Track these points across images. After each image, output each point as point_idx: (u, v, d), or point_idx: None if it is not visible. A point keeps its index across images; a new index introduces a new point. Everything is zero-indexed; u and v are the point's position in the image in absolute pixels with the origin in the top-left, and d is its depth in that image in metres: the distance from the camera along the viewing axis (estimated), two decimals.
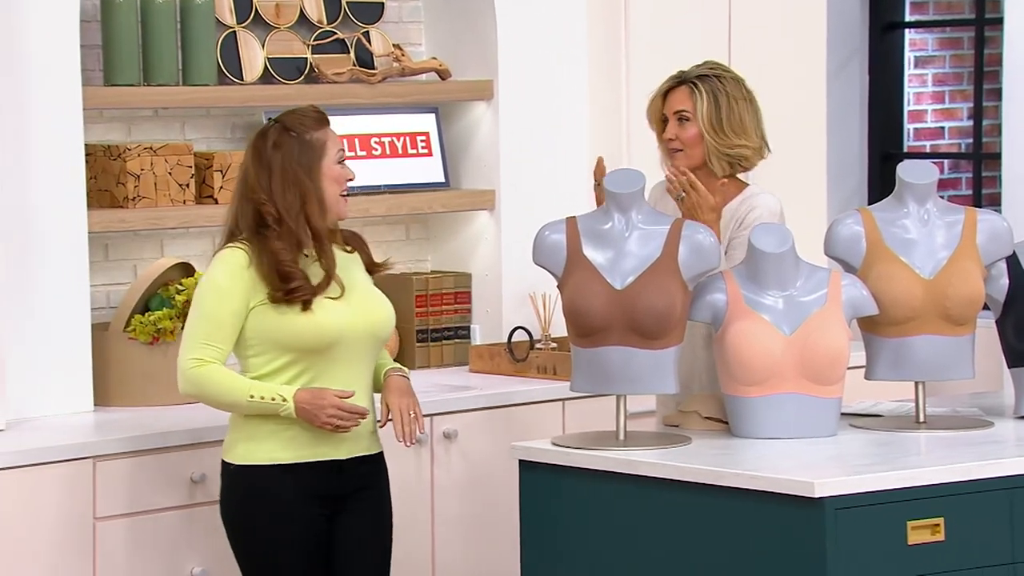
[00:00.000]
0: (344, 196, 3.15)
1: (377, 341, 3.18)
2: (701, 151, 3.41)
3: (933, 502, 3.03)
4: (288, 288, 3.07)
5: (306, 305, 3.08)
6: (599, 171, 3.46)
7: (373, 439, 3.21)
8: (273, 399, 3.06)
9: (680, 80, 3.43)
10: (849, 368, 3.33)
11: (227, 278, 3.08)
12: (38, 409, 3.67)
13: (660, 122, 3.46)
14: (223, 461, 3.17)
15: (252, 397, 3.06)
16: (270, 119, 3.15)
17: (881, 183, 5.33)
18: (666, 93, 3.45)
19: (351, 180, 3.16)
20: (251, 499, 3.10)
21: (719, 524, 3.06)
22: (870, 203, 4.70)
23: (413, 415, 3.14)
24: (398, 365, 3.26)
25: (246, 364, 3.14)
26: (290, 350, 3.09)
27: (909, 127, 5.63)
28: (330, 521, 3.14)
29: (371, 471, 3.19)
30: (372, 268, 3.26)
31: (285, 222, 3.07)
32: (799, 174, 4.64)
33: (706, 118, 3.38)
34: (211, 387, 3.08)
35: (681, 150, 3.42)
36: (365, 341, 3.14)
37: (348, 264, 3.19)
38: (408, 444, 3.16)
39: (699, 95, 3.39)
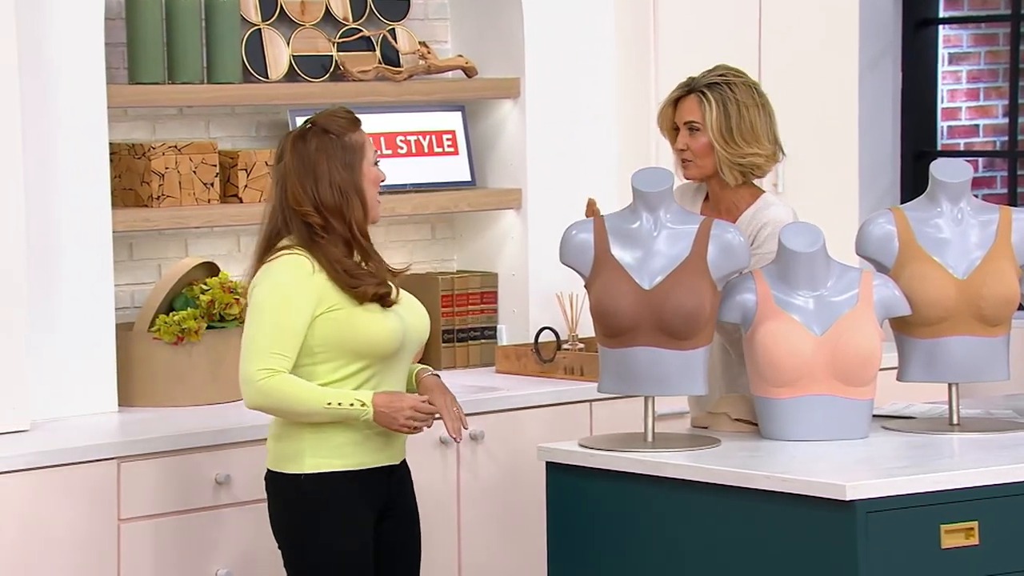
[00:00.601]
0: (377, 199, 3.15)
1: (421, 345, 3.20)
2: (712, 161, 3.39)
3: (967, 505, 3.02)
4: (378, 283, 3.05)
5: (386, 301, 3.06)
6: (590, 212, 3.45)
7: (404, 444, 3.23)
8: (352, 404, 3.03)
9: (689, 88, 3.41)
10: (881, 369, 3.32)
11: (294, 284, 3.03)
12: (62, 410, 3.70)
13: (672, 131, 3.45)
14: (277, 473, 3.08)
15: (330, 404, 3.02)
16: (306, 121, 3.13)
17: (914, 182, 5.31)
18: (676, 101, 3.43)
19: (383, 181, 3.16)
20: (320, 508, 3.05)
21: (749, 527, 3.05)
22: (903, 202, 4.68)
23: (456, 411, 3.14)
24: (424, 365, 3.27)
25: (310, 372, 3.08)
26: (362, 356, 3.06)
27: (943, 125, 5.60)
28: (374, 527, 3.14)
29: (407, 476, 3.21)
30: (391, 273, 3.24)
31: (333, 228, 3.05)
32: (830, 173, 4.62)
33: (715, 128, 3.36)
34: (285, 398, 3.02)
35: (692, 161, 3.41)
36: (415, 345, 3.17)
37: None
38: (458, 440, 3.17)
39: (708, 104, 3.36)
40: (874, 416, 3.40)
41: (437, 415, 3.15)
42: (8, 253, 3.55)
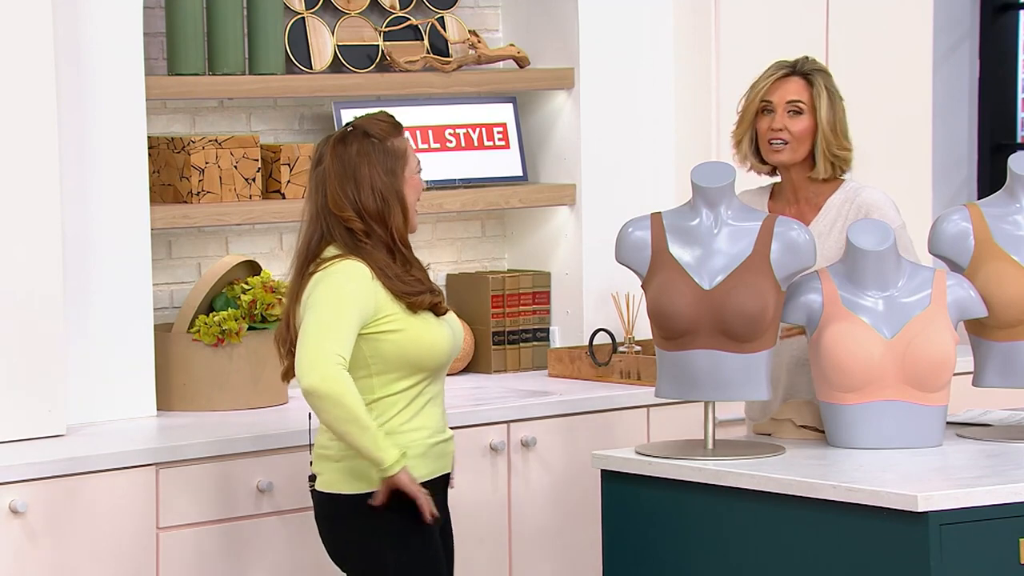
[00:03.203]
0: (416, 209, 3.15)
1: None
2: (808, 147, 3.41)
3: None
4: (431, 290, 3.07)
5: (439, 309, 3.08)
6: None
7: None
8: (392, 446, 3.02)
9: (792, 70, 3.42)
10: (955, 374, 3.31)
11: (360, 291, 3.03)
12: (99, 414, 3.74)
13: (756, 112, 3.45)
14: (341, 495, 3.07)
15: (377, 431, 3.01)
16: (346, 124, 3.15)
17: (991, 176, 5.28)
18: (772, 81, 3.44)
19: (424, 190, 3.18)
20: (410, 526, 3.05)
21: (814, 539, 3.06)
22: (979, 197, 4.66)
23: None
24: None
25: (367, 385, 3.07)
26: (419, 369, 3.08)
27: (1023, 116, 5.56)
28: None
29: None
30: None
31: (376, 233, 3.07)
32: (903, 167, 4.61)
33: (825, 117, 3.39)
34: (352, 396, 3.00)
35: (787, 143, 3.41)
36: (457, 355, 3.17)
37: None
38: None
39: (820, 90, 3.40)
40: (948, 423, 3.39)
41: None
42: (43, 251, 3.60)
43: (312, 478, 3.14)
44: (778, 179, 3.52)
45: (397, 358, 3.07)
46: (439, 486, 3.16)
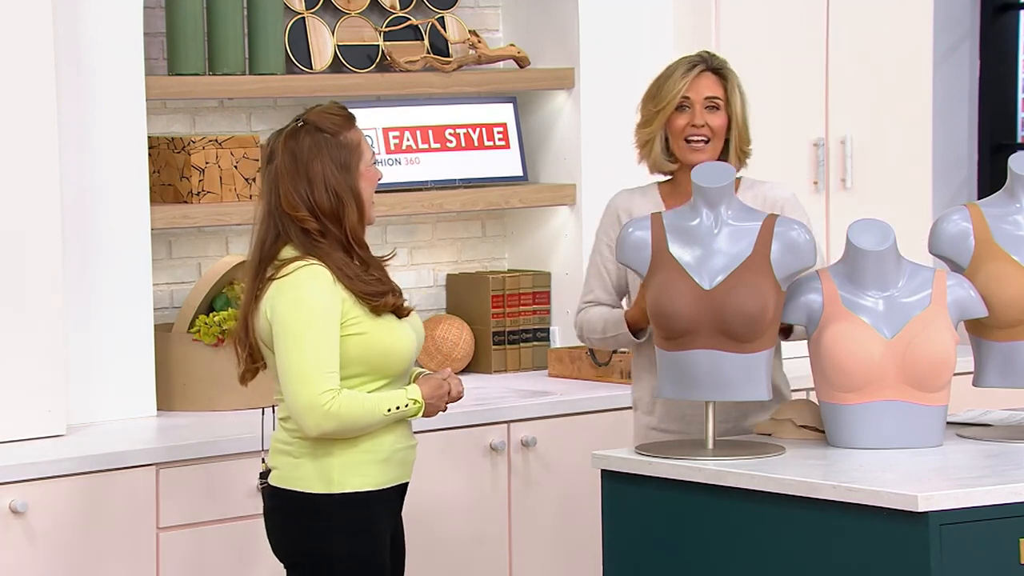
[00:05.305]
0: (372, 200, 3.09)
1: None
2: (722, 143, 3.41)
3: None
4: (393, 291, 3.02)
5: (402, 311, 3.03)
6: None
7: None
8: (407, 406, 3.02)
9: (707, 65, 3.42)
10: (956, 374, 3.31)
11: (321, 297, 2.98)
12: (99, 414, 3.75)
13: (671, 109, 3.39)
14: (302, 494, 3.02)
15: (388, 411, 3.01)
16: (296, 119, 3.07)
17: (992, 176, 5.28)
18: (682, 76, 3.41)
19: (380, 180, 3.11)
20: (355, 528, 3.02)
21: (814, 539, 3.06)
22: (979, 198, 4.66)
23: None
24: (418, 368, 3.20)
25: None
26: (383, 373, 3.04)
27: (1023, 115, 5.57)
28: None
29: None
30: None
31: (331, 232, 3.01)
32: (903, 167, 4.61)
33: (739, 112, 3.39)
34: (350, 417, 2.97)
35: (708, 140, 3.40)
36: (416, 357, 3.13)
37: None
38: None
39: (734, 86, 3.40)
40: (948, 423, 3.39)
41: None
42: (43, 251, 3.60)
43: (264, 474, 3.08)
44: (663, 178, 3.48)
45: (361, 362, 3.01)
46: (395, 495, 3.09)
